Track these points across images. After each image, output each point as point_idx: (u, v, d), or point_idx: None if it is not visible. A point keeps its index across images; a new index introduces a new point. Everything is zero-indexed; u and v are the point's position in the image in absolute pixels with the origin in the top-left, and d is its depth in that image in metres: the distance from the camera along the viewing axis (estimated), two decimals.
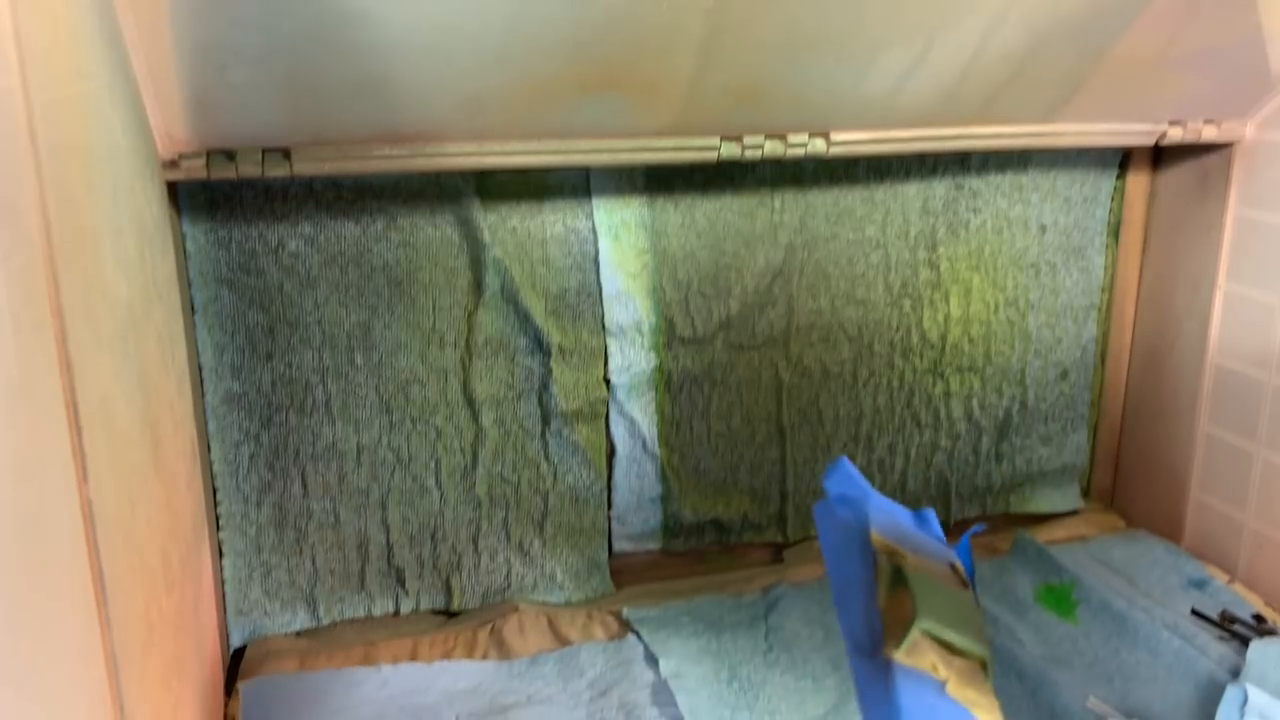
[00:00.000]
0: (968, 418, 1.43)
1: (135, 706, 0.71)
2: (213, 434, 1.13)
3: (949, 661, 0.88)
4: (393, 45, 0.87)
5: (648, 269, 1.26)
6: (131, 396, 0.77)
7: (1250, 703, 1.00)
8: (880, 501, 0.96)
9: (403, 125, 0.98)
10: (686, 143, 1.09)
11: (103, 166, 0.74)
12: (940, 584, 0.90)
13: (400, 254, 1.16)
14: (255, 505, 1.17)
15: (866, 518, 0.94)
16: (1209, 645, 1.12)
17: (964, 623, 0.89)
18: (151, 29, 0.80)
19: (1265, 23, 1.09)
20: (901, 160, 1.30)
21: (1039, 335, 1.43)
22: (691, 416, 1.33)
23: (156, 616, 0.80)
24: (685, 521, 1.35)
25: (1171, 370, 1.40)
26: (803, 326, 1.33)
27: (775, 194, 1.27)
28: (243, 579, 1.17)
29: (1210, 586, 1.27)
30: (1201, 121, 1.26)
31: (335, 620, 1.22)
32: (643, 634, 1.16)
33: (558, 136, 1.05)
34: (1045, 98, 1.16)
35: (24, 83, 0.58)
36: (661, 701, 1.06)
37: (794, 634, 1.17)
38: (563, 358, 1.24)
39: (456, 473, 1.23)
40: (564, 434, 1.26)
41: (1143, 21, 1.05)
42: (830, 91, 1.06)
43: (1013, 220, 1.37)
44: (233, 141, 0.96)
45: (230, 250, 1.10)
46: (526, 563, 1.28)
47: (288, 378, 1.15)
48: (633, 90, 1.00)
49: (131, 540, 0.74)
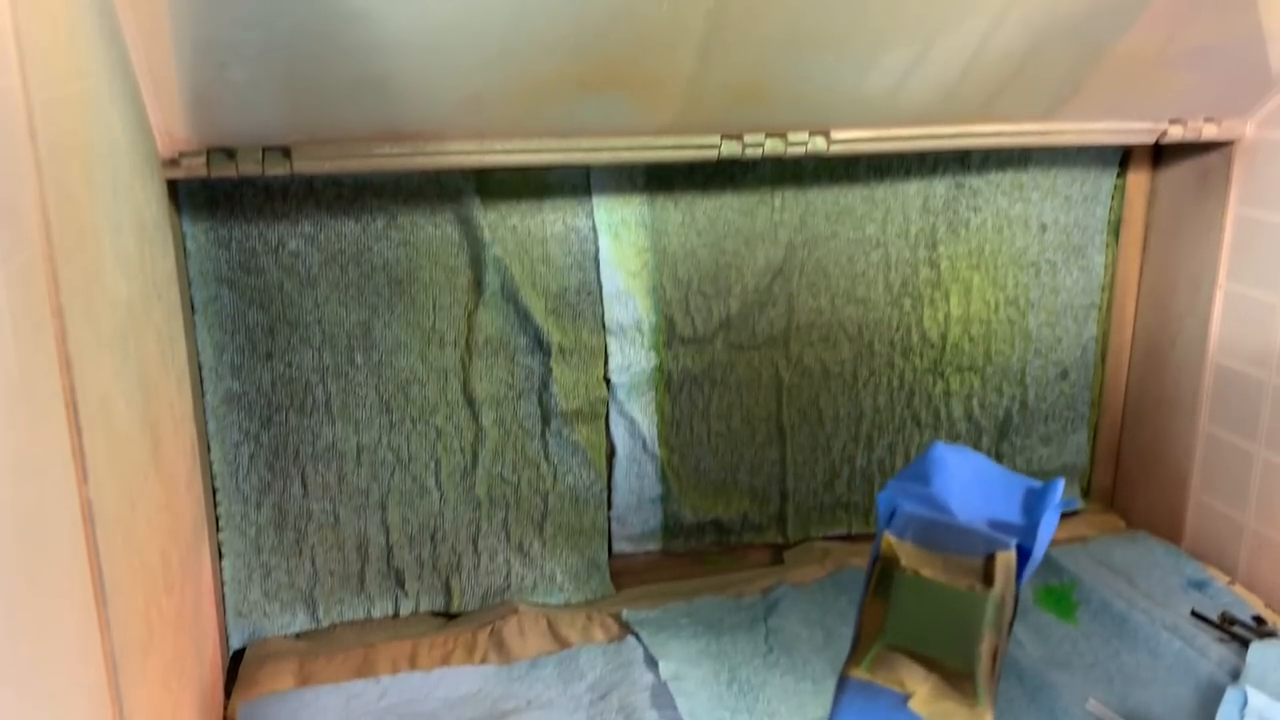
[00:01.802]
0: (968, 417, 1.42)
1: (135, 707, 0.71)
2: (213, 434, 1.13)
3: (924, 675, 0.88)
4: (393, 43, 0.87)
5: (648, 268, 1.25)
6: (131, 396, 0.77)
7: (1250, 705, 1.00)
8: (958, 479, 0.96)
9: (403, 123, 0.98)
10: (687, 141, 1.09)
11: (103, 165, 0.73)
12: (939, 589, 0.90)
13: (400, 253, 1.15)
14: (255, 506, 1.16)
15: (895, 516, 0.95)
16: (1209, 647, 1.11)
17: (952, 631, 0.89)
18: (151, 27, 0.80)
19: (1265, 21, 1.09)
20: (902, 159, 1.30)
21: (1039, 334, 1.42)
22: (691, 416, 1.32)
23: (156, 617, 0.80)
24: (685, 522, 1.35)
25: (1172, 370, 1.40)
26: (803, 326, 1.33)
27: (775, 192, 1.27)
28: (242, 580, 1.17)
29: (1210, 588, 1.27)
30: (1202, 120, 1.26)
31: (335, 622, 1.22)
32: (642, 636, 1.16)
33: (558, 135, 1.05)
34: (1046, 96, 1.16)
35: (24, 81, 0.58)
36: (661, 704, 1.06)
37: (794, 636, 1.16)
38: (563, 357, 1.23)
39: (456, 473, 1.23)
40: (564, 434, 1.26)
41: (1143, 20, 1.05)
42: (831, 90, 1.06)
43: (1013, 219, 1.37)
44: (233, 140, 0.96)
45: (230, 249, 1.10)
46: (526, 564, 1.27)
47: (288, 377, 1.15)
48: (633, 88, 0.99)
49: (131, 540, 0.74)
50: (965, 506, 0.96)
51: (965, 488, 0.97)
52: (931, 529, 0.93)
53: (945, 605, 0.90)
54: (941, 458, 0.98)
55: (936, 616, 0.90)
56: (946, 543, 0.92)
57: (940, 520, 0.94)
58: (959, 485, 0.97)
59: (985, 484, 0.99)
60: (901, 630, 0.90)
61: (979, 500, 0.97)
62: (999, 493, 0.98)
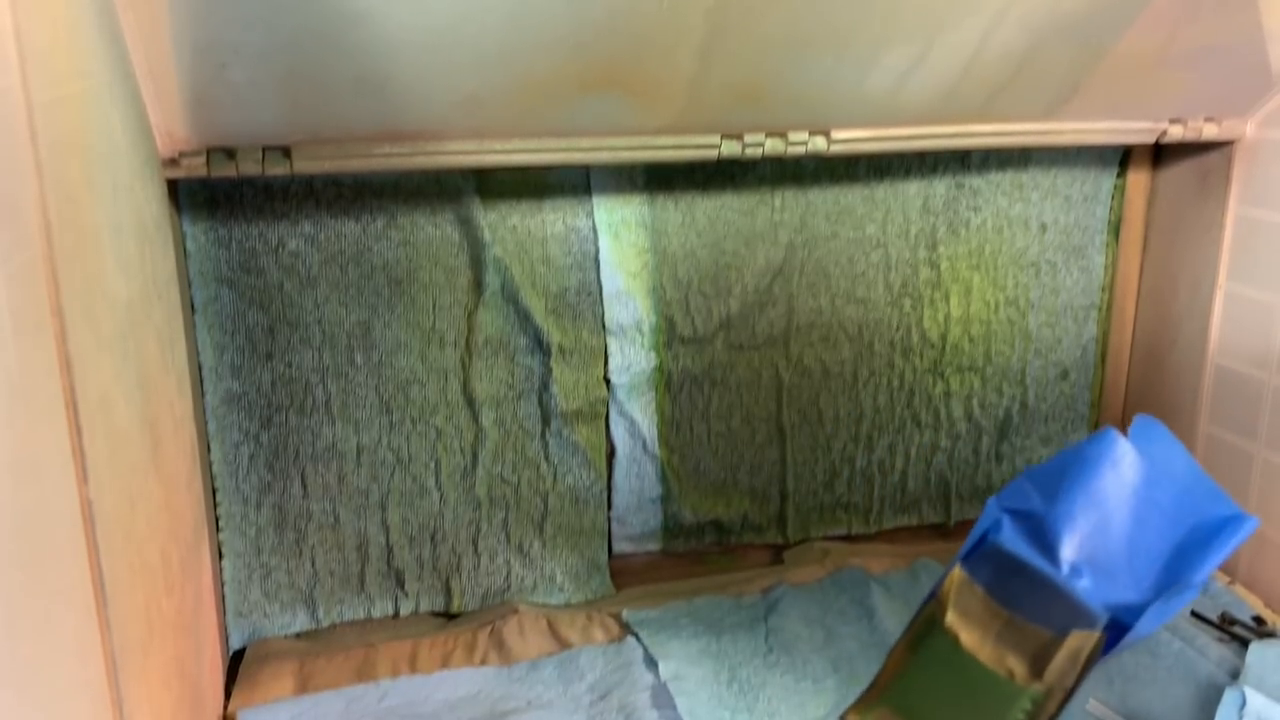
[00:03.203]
0: (968, 417, 1.42)
1: (135, 707, 0.71)
2: (213, 434, 1.13)
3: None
4: (393, 43, 0.87)
5: (648, 268, 1.25)
6: (131, 396, 0.77)
7: (1248, 705, 1.00)
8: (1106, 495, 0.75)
9: (403, 123, 0.98)
10: (687, 141, 1.09)
11: (103, 165, 0.73)
12: (973, 666, 0.75)
13: (400, 253, 1.15)
14: (255, 506, 1.16)
15: (985, 541, 0.78)
16: (1209, 647, 1.11)
17: (963, 716, 0.75)
18: (151, 27, 0.80)
19: (1265, 21, 1.09)
20: (902, 159, 1.30)
21: (1039, 334, 1.42)
22: (691, 416, 1.32)
23: (156, 617, 0.80)
24: (685, 522, 1.35)
25: (1172, 370, 1.40)
26: (803, 326, 1.33)
27: (775, 192, 1.27)
28: (242, 580, 1.17)
29: (1210, 588, 1.27)
30: (1202, 120, 1.26)
31: (335, 622, 1.22)
32: (642, 636, 1.16)
33: (558, 135, 1.05)
34: (1046, 96, 1.16)
35: (24, 82, 0.58)
36: (661, 704, 1.06)
37: (794, 635, 1.16)
38: (563, 357, 1.23)
39: (456, 473, 1.23)
40: (564, 434, 1.26)
41: (1143, 20, 1.05)
42: (831, 89, 1.06)
43: (1013, 219, 1.37)
44: (233, 140, 0.96)
45: (230, 249, 1.10)
46: (526, 564, 1.27)
47: (288, 377, 1.15)
48: (633, 88, 0.99)
49: (131, 540, 0.74)
50: (1085, 544, 0.78)
51: (1108, 511, 0.78)
52: (1016, 574, 0.77)
53: (973, 686, 0.76)
54: (1100, 458, 0.77)
55: (957, 695, 0.77)
56: (1023, 599, 0.77)
57: (1031, 566, 0.78)
58: (1099, 507, 0.78)
59: (1149, 504, 0.78)
60: (912, 696, 0.78)
61: (1120, 533, 0.78)
62: (1164, 518, 0.78)
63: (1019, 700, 0.75)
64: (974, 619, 0.77)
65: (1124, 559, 0.78)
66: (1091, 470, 0.80)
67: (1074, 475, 0.81)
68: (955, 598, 0.79)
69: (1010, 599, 0.77)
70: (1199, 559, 0.78)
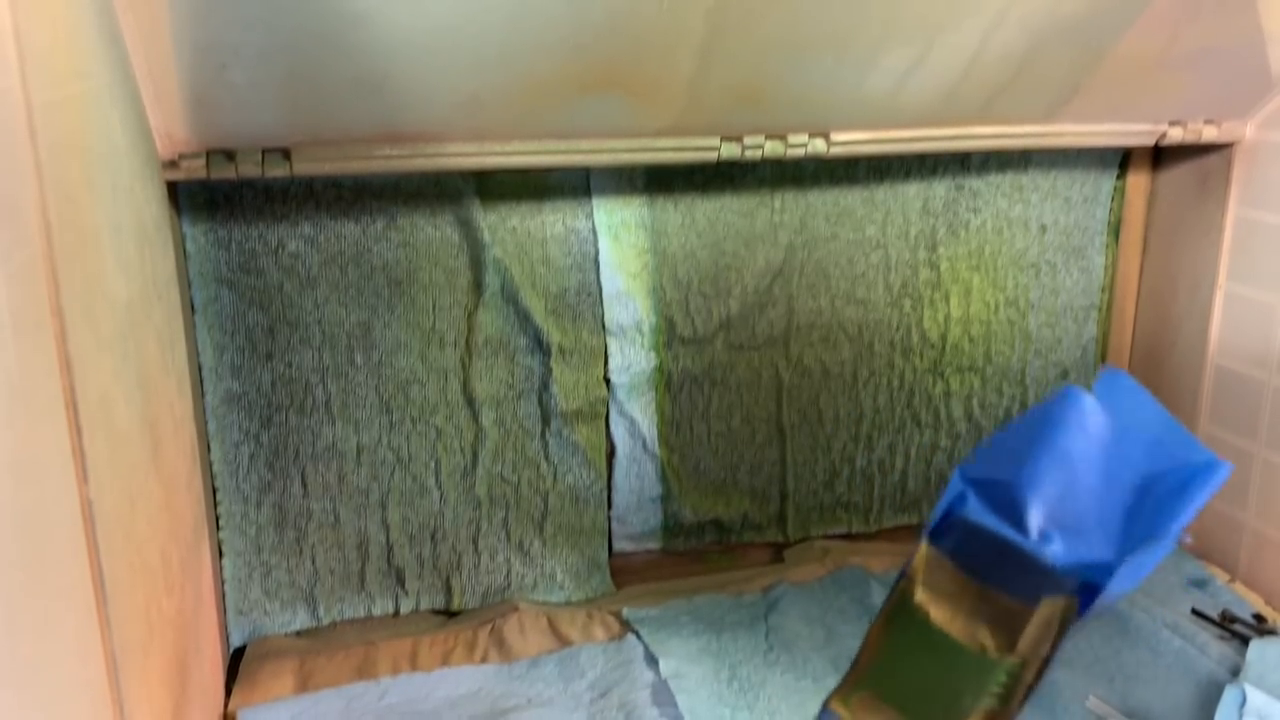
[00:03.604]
0: (968, 418, 1.43)
1: (135, 706, 0.71)
2: (213, 434, 1.13)
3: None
4: (393, 45, 0.87)
5: (648, 269, 1.26)
6: (131, 396, 0.77)
7: (1249, 703, 1.00)
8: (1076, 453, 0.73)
9: (403, 125, 0.98)
10: (687, 143, 1.09)
11: (103, 166, 0.73)
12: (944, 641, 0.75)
13: (400, 254, 1.16)
14: (255, 505, 1.16)
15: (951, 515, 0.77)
16: (1209, 645, 1.11)
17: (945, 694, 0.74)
18: (151, 28, 0.80)
19: (1265, 23, 1.09)
20: (902, 160, 1.30)
21: (1039, 335, 1.42)
22: (691, 416, 1.33)
23: (156, 616, 0.80)
24: (685, 521, 1.35)
25: (1172, 370, 1.40)
26: (803, 326, 1.33)
27: (775, 194, 1.27)
28: (243, 579, 1.17)
29: (1211, 586, 1.27)
30: (1202, 122, 1.26)
31: (335, 620, 1.22)
32: (642, 634, 1.16)
33: (558, 136, 1.05)
34: (1045, 98, 1.16)
35: (24, 82, 0.58)
36: (662, 702, 1.06)
37: (794, 634, 1.16)
38: (563, 357, 1.24)
39: (456, 473, 1.23)
40: (564, 434, 1.26)
41: (1143, 22, 1.05)
42: (831, 91, 1.06)
43: (1013, 220, 1.37)
44: (233, 141, 0.96)
45: (230, 250, 1.10)
46: (526, 562, 1.28)
47: (288, 378, 1.15)
48: (633, 90, 1.00)
49: (131, 540, 0.74)
50: (1055, 508, 0.76)
51: (1077, 471, 0.76)
52: (984, 545, 0.76)
53: (946, 662, 0.76)
54: (1065, 417, 0.75)
55: (933, 672, 0.76)
56: (993, 570, 0.75)
57: (999, 536, 0.76)
58: (1068, 469, 0.76)
59: (1119, 459, 0.76)
60: (890, 678, 0.78)
61: (1089, 492, 0.76)
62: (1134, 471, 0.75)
63: (994, 674, 0.74)
64: (943, 594, 0.76)
65: (1095, 517, 0.75)
66: (1057, 430, 0.77)
67: (1040, 437, 0.77)
68: (924, 574, 0.78)
69: (979, 571, 0.76)
70: (1172, 509, 0.74)
